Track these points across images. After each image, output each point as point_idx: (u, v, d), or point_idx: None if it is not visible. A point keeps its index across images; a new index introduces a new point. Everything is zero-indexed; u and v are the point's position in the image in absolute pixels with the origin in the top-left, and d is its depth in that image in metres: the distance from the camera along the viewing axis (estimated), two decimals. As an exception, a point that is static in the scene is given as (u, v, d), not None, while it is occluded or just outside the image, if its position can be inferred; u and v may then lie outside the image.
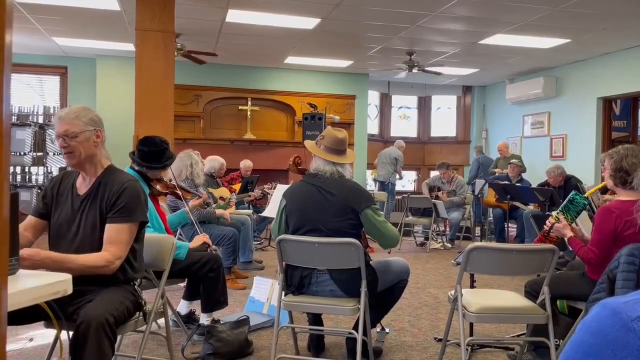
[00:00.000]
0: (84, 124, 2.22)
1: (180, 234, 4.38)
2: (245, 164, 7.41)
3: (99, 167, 2.30)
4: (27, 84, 8.92)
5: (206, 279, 3.27)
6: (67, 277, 1.66)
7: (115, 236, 2.18)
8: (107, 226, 2.19)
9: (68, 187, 2.31)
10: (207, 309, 3.33)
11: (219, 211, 4.81)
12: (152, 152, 3.26)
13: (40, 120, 7.88)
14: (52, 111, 8.10)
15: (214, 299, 3.32)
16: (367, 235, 3.11)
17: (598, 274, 2.52)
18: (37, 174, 7.91)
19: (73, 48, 8.18)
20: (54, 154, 7.80)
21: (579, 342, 0.59)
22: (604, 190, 3.58)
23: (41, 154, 7.75)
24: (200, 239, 3.38)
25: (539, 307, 2.70)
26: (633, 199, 2.54)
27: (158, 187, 3.37)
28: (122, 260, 2.19)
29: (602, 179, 2.97)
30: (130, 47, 7.39)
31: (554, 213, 2.93)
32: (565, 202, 2.90)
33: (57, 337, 2.44)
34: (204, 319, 3.33)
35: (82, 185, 2.29)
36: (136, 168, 3.29)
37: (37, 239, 2.32)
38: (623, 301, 0.58)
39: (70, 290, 1.67)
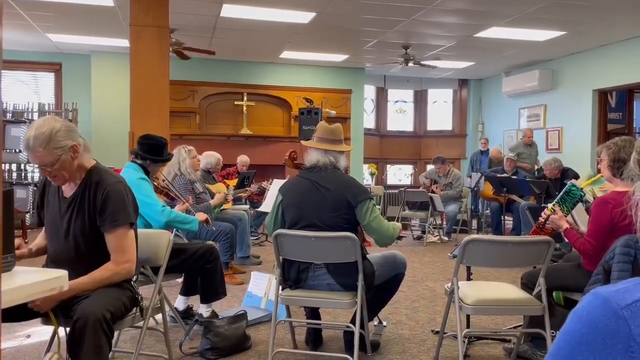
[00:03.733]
0: (56, 149, 2.08)
1: (178, 230, 4.38)
2: (242, 159, 7.40)
3: (82, 171, 2.24)
4: (21, 81, 8.87)
5: (203, 271, 3.28)
6: (63, 273, 1.66)
7: (112, 244, 2.20)
8: (106, 237, 2.20)
9: (54, 187, 2.30)
10: (206, 299, 3.34)
11: (214, 201, 4.76)
12: (155, 145, 3.44)
13: (36, 118, 7.84)
14: (47, 108, 8.07)
15: (213, 290, 3.33)
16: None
17: (594, 265, 2.53)
18: (33, 172, 7.89)
19: (67, 44, 8.14)
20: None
21: (571, 331, 0.60)
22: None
23: (37, 151, 7.72)
24: (203, 216, 3.75)
25: (535, 299, 2.71)
26: (629, 189, 2.54)
27: (154, 184, 3.43)
28: (132, 263, 2.22)
29: (599, 171, 2.98)
30: (124, 43, 7.35)
31: (549, 205, 2.94)
32: (561, 193, 2.91)
33: (54, 334, 2.45)
34: (203, 310, 3.34)
35: (67, 187, 2.26)
36: (139, 162, 3.41)
37: None
38: (614, 290, 0.58)
39: (66, 287, 1.67)
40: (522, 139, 8.29)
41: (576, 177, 6.01)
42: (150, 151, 3.41)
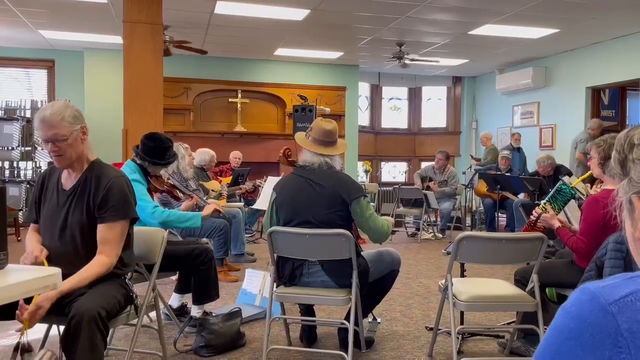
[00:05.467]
0: (70, 124, 2.15)
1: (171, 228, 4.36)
2: (235, 154, 7.39)
3: (85, 163, 2.26)
4: (14, 78, 8.81)
5: (197, 272, 3.27)
6: (57, 271, 1.66)
7: (108, 235, 2.18)
8: (99, 226, 2.18)
9: (53, 182, 2.29)
10: (198, 301, 3.34)
11: (204, 213, 4.74)
12: (157, 148, 3.32)
13: (28, 115, 7.80)
14: (39, 105, 8.01)
15: (205, 292, 3.32)
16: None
17: (586, 262, 2.55)
18: (26, 169, 7.85)
19: (60, 41, 8.08)
20: (42, 148, 7.72)
21: (559, 326, 0.60)
22: (592, 180, 3.60)
23: (29, 148, 7.68)
24: (211, 207, 3.49)
25: (528, 295, 2.73)
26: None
27: (155, 183, 3.38)
28: (118, 257, 2.21)
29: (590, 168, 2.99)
30: (118, 39, 7.32)
31: (541, 203, 2.96)
32: (552, 192, 2.93)
33: (48, 331, 2.45)
34: (195, 311, 3.33)
35: (68, 180, 2.26)
36: (138, 162, 3.32)
37: None
38: (602, 285, 0.59)
39: (60, 285, 1.67)
40: (588, 131, 7.35)
41: (569, 174, 6.05)
42: (151, 153, 3.29)
